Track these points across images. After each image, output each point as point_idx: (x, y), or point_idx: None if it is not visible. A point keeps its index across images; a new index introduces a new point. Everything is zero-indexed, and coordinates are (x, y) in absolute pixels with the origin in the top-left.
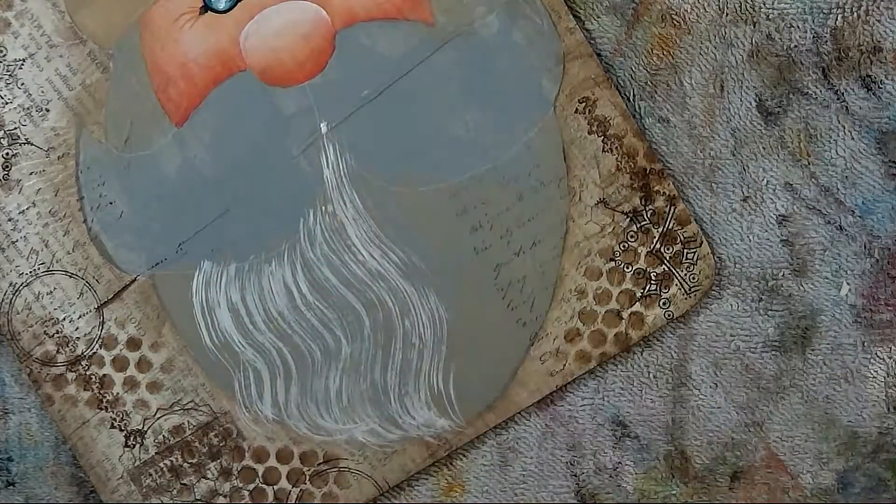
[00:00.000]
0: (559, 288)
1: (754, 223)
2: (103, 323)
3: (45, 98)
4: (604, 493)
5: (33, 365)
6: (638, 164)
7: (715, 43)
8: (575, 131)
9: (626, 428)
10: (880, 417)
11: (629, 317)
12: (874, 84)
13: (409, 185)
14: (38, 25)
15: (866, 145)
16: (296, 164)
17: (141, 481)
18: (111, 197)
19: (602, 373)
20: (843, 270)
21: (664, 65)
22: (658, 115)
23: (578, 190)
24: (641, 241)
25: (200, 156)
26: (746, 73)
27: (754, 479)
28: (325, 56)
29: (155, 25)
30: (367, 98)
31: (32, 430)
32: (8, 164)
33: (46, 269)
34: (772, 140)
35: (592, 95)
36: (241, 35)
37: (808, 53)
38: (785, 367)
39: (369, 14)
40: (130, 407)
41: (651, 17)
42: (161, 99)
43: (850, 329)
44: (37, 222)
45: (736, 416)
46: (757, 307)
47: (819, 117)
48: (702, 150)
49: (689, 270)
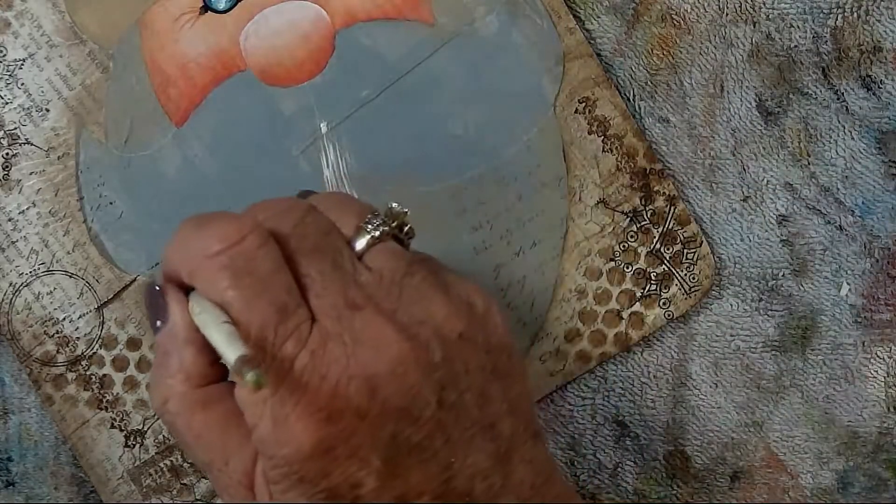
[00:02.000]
0: (559, 288)
1: (754, 223)
2: (103, 323)
3: (45, 98)
4: (604, 493)
5: (33, 365)
6: (638, 164)
7: (715, 43)
8: (575, 131)
9: (626, 428)
10: (880, 417)
11: (629, 317)
12: (874, 84)
13: (409, 186)
14: (38, 25)
15: (866, 145)
16: (296, 164)
17: (141, 481)
18: (111, 197)
19: (602, 373)
20: (843, 270)
21: (664, 65)
22: (658, 115)
23: (578, 190)
24: (641, 241)
25: (200, 156)
26: (746, 73)
27: (754, 479)
28: (325, 56)
29: (155, 25)
30: (367, 98)
31: (32, 430)
32: (8, 164)
33: (46, 269)
34: (772, 140)
35: (592, 95)
36: (241, 35)
37: (808, 53)
38: (785, 367)
39: (369, 14)
40: (130, 407)
41: (651, 17)
42: (161, 99)
43: (850, 329)
44: (37, 222)
45: (736, 416)
46: (757, 307)
47: (819, 117)
48: (702, 150)
49: (689, 270)
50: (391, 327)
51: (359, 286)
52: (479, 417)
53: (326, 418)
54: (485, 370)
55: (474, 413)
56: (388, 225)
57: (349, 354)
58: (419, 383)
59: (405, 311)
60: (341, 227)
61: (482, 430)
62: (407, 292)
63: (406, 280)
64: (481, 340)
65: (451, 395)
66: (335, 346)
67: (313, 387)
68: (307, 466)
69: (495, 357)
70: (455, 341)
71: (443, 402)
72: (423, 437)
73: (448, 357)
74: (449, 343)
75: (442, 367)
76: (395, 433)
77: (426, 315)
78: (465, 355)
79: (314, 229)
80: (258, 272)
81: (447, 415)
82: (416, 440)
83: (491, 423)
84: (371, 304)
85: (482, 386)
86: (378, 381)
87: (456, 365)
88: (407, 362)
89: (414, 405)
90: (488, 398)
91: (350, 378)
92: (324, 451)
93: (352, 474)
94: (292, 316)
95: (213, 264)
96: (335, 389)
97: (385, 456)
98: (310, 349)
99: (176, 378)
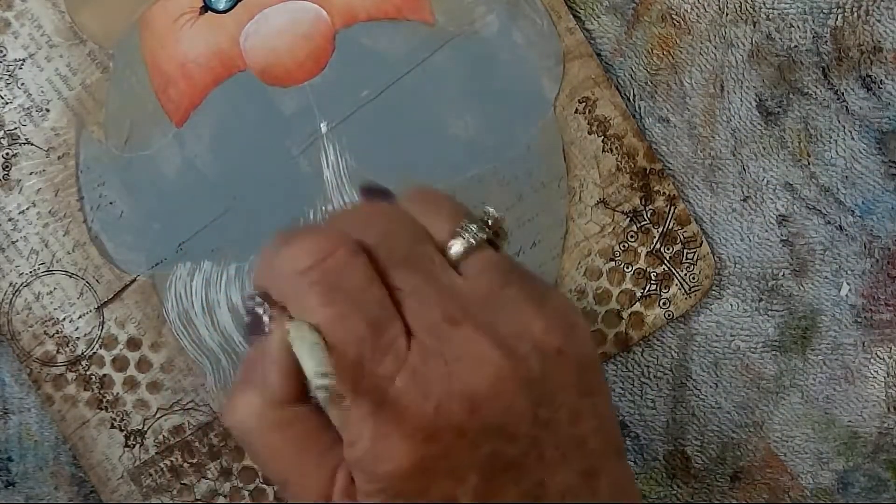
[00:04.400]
0: (559, 288)
1: (754, 223)
2: (103, 323)
3: (45, 98)
4: None
5: (33, 365)
6: (638, 164)
7: (715, 43)
8: (575, 131)
9: (626, 428)
10: (880, 417)
11: (629, 317)
12: (874, 84)
13: (409, 186)
14: (38, 25)
15: (866, 145)
16: (296, 164)
17: (141, 481)
18: (111, 197)
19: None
20: (843, 270)
21: (664, 65)
22: (658, 115)
23: (578, 190)
24: (641, 241)
25: (200, 156)
26: (746, 73)
27: (754, 479)
28: (325, 56)
29: (155, 25)
30: (367, 98)
31: (32, 430)
32: (8, 164)
33: (46, 269)
34: (772, 140)
35: (592, 95)
36: (241, 35)
37: (808, 53)
38: (785, 367)
39: (369, 14)
40: (130, 407)
41: (651, 17)
42: (161, 99)
43: (850, 329)
44: (37, 222)
45: (736, 416)
46: (757, 307)
47: (819, 117)
48: (702, 150)
49: (689, 270)
50: (490, 343)
51: (455, 299)
52: (570, 434)
53: (427, 437)
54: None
55: (566, 430)
56: (484, 231)
57: (449, 372)
58: (517, 400)
59: (503, 324)
60: (433, 232)
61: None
62: (504, 305)
63: (504, 292)
64: (575, 356)
65: (546, 412)
66: (435, 364)
67: (414, 406)
68: (406, 484)
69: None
70: (553, 356)
71: (538, 419)
72: (519, 454)
73: (546, 373)
74: (547, 358)
75: (539, 382)
76: (493, 451)
77: (524, 329)
78: (561, 371)
79: (404, 237)
80: (350, 287)
81: (541, 431)
82: (512, 457)
83: (581, 440)
84: (469, 319)
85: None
86: (478, 398)
87: (553, 381)
88: (506, 378)
89: (512, 422)
90: (579, 415)
91: (451, 396)
92: (423, 469)
93: (448, 491)
94: (387, 331)
95: (303, 282)
96: (436, 408)
97: (482, 473)
98: (410, 367)
99: (256, 394)
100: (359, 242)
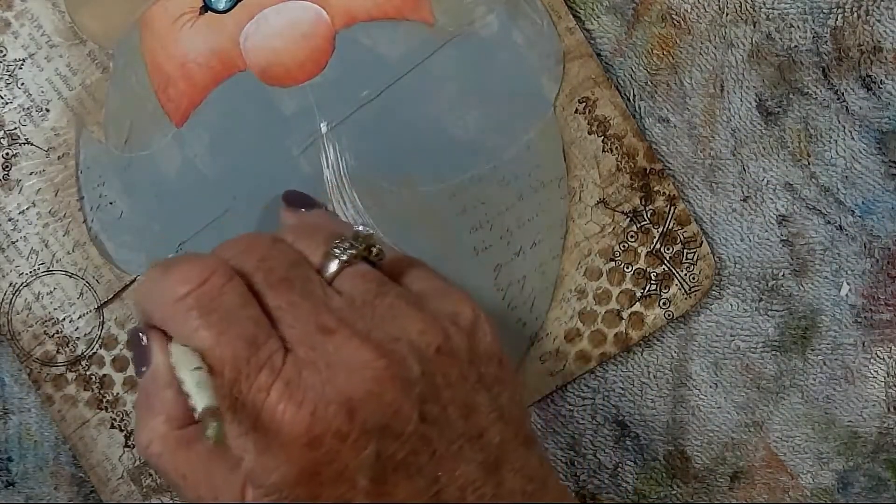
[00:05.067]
0: (559, 288)
1: (754, 223)
2: (103, 323)
3: (45, 98)
4: (604, 493)
5: (33, 365)
6: (638, 164)
7: (715, 43)
8: (575, 131)
9: (626, 428)
10: (880, 417)
11: (629, 317)
12: (874, 84)
13: (409, 185)
14: (38, 25)
15: (866, 145)
16: (296, 164)
17: (141, 481)
18: (111, 197)
19: (602, 373)
20: (843, 270)
21: (664, 65)
22: (658, 115)
23: (578, 190)
24: (641, 241)
25: (200, 156)
26: (746, 73)
27: (754, 479)
28: (325, 56)
29: (155, 25)
30: (367, 98)
31: (32, 430)
32: (8, 164)
33: (46, 269)
34: (772, 140)
35: (592, 95)
36: (241, 35)
37: (808, 53)
38: (785, 367)
39: (369, 14)
40: (131, 407)
41: (651, 17)
42: (161, 99)
43: (850, 329)
44: (37, 222)
45: (736, 416)
46: (757, 307)
47: (819, 117)
48: (702, 150)
49: (689, 270)
50: (365, 347)
51: (330, 311)
52: (465, 429)
53: (307, 444)
54: (469, 380)
55: (459, 425)
56: (355, 248)
57: (325, 380)
58: (398, 400)
59: (379, 329)
60: (309, 255)
61: (469, 441)
62: (380, 312)
63: (378, 300)
64: (464, 351)
65: (433, 409)
66: (310, 373)
67: (289, 415)
68: (296, 492)
69: (482, 366)
70: (433, 355)
71: (425, 417)
72: (408, 453)
73: (427, 371)
74: (426, 357)
75: (421, 381)
76: (379, 452)
77: (400, 332)
78: (446, 368)
79: (280, 262)
80: (225, 308)
81: (430, 429)
82: (401, 456)
83: (478, 433)
84: (344, 327)
85: (467, 397)
86: (355, 402)
87: (436, 378)
88: (383, 380)
89: (395, 422)
90: (474, 408)
91: (327, 402)
92: (309, 475)
93: (341, 495)
94: (263, 347)
95: (181, 307)
96: (312, 415)
97: (371, 475)
98: (284, 379)
99: (157, 419)
100: (236, 268)
